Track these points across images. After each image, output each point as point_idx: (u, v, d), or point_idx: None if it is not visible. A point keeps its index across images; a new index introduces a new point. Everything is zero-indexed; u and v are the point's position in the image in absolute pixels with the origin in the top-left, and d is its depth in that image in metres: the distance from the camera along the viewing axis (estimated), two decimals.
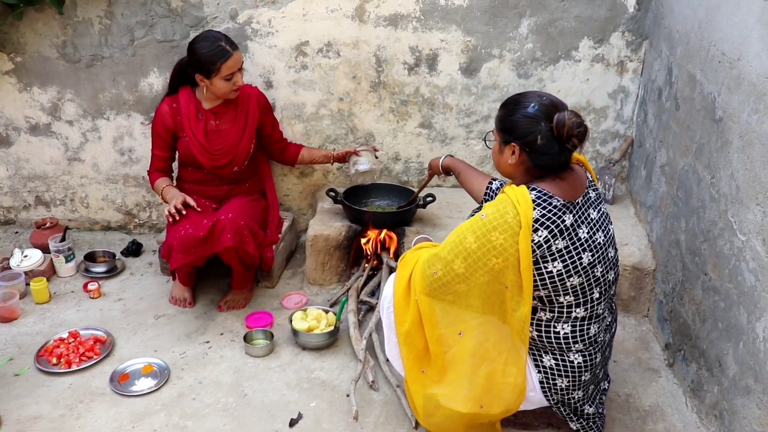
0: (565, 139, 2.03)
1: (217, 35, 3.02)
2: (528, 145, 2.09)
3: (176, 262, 2.94)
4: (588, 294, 2.15)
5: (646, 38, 3.42)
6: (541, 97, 2.11)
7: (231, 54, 2.98)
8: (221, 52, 2.97)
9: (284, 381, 2.75)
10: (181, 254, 2.92)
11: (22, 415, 2.54)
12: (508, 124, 2.14)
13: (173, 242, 2.93)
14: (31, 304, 3.26)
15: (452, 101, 3.59)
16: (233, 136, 3.21)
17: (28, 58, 3.56)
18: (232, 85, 3.06)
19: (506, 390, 2.22)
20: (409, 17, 3.41)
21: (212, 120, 3.20)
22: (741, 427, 2.19)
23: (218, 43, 2.98)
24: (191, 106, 3.17)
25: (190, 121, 3.16)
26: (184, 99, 3.18)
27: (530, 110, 2.08)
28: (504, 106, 2.19)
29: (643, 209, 3.32)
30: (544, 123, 2.05)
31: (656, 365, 2.88)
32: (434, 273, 2.19)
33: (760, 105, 2.10)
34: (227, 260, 3.05)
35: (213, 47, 2.97)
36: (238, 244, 2.95)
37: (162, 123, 3.20)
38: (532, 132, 2.06)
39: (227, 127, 3.21)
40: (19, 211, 3.97)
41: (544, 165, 2.11)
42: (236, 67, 3.03)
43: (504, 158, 2.18)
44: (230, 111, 3.22)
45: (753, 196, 2.14)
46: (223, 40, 2.99)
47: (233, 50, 3.00)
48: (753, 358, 2.13)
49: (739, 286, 2.23)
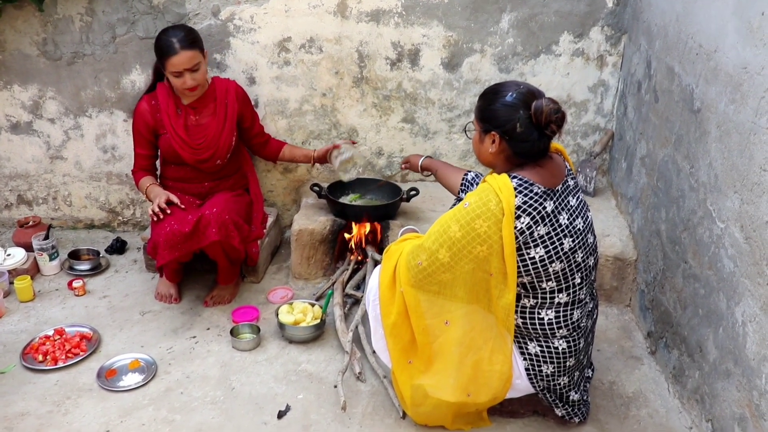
0: (543, 126, 2.08)
1: (176, 31, 2.99)
2: (508, 133, 2.13)
3: (163, 259, 2.94)
4: (570, 279, 2.19)
5: (625, 32, 3.47)
6: (518, 85, 2.15)
7: (176, 52, 2.94)
8: (167, 48, 2.94)
9: (272, 374, 2.77)
10: (167, 250, 2.92)
11: (9, 413, 2.53)
12: (488, 114, 2.18)
13: (159, 239, 2.93)
14: (15, 302, 3.24)
15: (434, 96, 3.62)
16: (214, 129, 3.20)
17: (8, 56, 3.53)
18: (182, 83, 3.03)
19: (493, 378, 2.25)
20: (391, 12, 3.44)
21: (192, 115, 3.19)
22: (721, 409, 2.24)
23: (170, 39, 2.95)
24: (170, 103, 3.16)
25: (170, 117, 3.15)
26: (163, 96, 3.16)
27: (508, 99, 2.12)
28: (483, 96, 2.23)
29: (624, 201, 3.37)
30: (522, 111, 2.09)
31: (639, 353, 2.93)
32: (419, 264, 2.22)
33: (737, 95, 2.15)
34: (213, 255, 3.06)
35: (164, 41, 2.96)
36: (224, 239, 2.95)
37: (142, 121, 3.19)
38: (512, 120, 2.10)
39: (207, 121, 3.21)
40: (1, 210, 3.94)
41: (524, 152, 2.15)
42: (182, 66, 2.97)
43: (484, 147, 2.22)
44: (209, 105, 3.21)
45: (731, 184, 2.19)
46: (177, 37, 2.95)
47: (182, 49, 2.94)
48: (732, 342, 2.18)
49: (719, 273, 2.28)
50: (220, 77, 3.32)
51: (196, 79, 3.04)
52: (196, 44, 3.02)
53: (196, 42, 3.03)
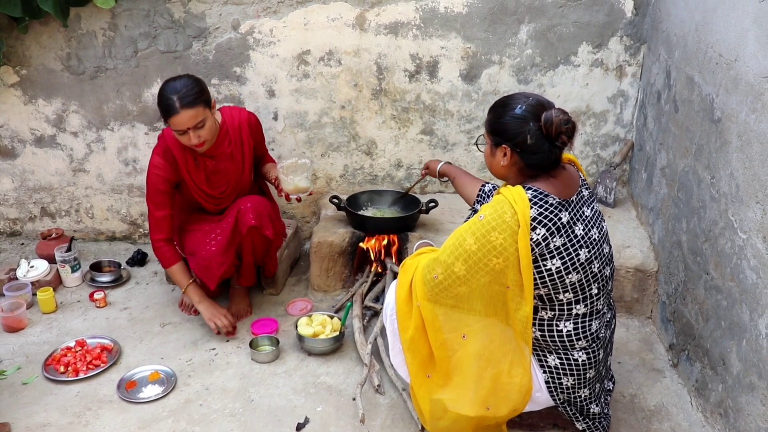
0: (554, 137, 2.07)
1: (174, 87, 2.77)
2: (519, 146, 2.12)
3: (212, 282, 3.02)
4: (587, 290, 2.17)
5: (644, 42, 3.45)
6: (527, 97, 2.14)
7: (177, 112, 2.74)
8: (168, 108, 2.76)
9: (290, 386, 2.77)
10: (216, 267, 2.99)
11: (31, 423, 2.56)
12: (498, 127, 2.17)
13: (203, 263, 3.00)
14: (37, 314, 3.28)
15: (453, 107, 3.62)
16: (234, 174, 3.11)
17: (33, 70, 3.59)
18: (187, 141, 2.83)
19: (513, 391, 2.23)
20: (409, 25, 3.45)
21: (209, 163, 3.05)
22: (746, 423, 2.20)
23: (170, 97, 2.75)
24: (188, 157, 3.00)
25: (189, 171, 3.03)
26: (177, 149, 2.97)
27: (518, 111, 2.11)
28: (492, 109, 2.23)
29: (645, 212, 3.34)
30: (532, 123, 2.09)
31: (660, 366, 2.89)
32: (435, 277, 2.21)
33: (758, 104, 2.13)
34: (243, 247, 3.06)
35: (164, 100, 2.77)
36: (259, 224, 2.94)
37: (162, 178, 2.99)
38: (522, 132, 2.10)
39: (225, 166, 3.07)
40: (25, 222, 4.00)
41: (536, 164, 2.14)
42: (185, 125, 2.77)
43: (496, 160, 2.22)
44: (225, 149, 3.05)
45: (752, 195, 2.16)
46: (176, 96, 2.74)
47: (182, 108, 2.73)
48: (756, 355, 2.14)
49: (741, 284, 2.25)
50: (229, 108, 3.14)
51: (201, 137, 2.83)
52: (198, 100, 2.78)
53: (199, 97, 2.80)
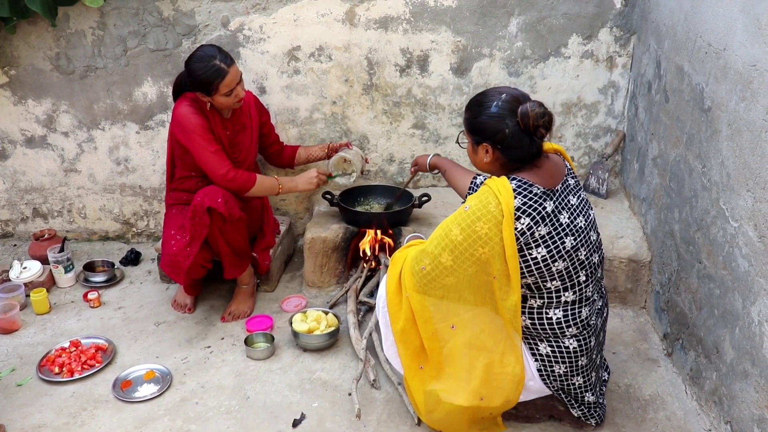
0: (532, 131, 2.09)
1: (210, 52, 2.88)
2: (499, 143, 2.15)
3: (179, 278, 3.02)
4: (574, 277, 2.19)
5: (633, 33, 3.45)
6: (500, 93, 2.16)
7: (227, 71, 2.87)
8: (216, 71, 2.85)
9: (286, 382, 2.77)
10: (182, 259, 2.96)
11: (26, 425, 2.55)
12: (476, 126, 2.20)
13: (168, 258, 3.00)
14: (31, 315, 3.26)
15: (444, 101, 3.62)
16: (247, 142, 3.20)
17: (22, 71, 3.58)
18: (234, 98, 2.95)
19: (505, 380, 2.25)
20: (399, 19, 3.44)
21: (230, 130, 3.13)
22: (740, 411, 2.22)
23: (213, 62, 2.85)
24: (215, 116, 3.05)
25: (218, 131, 3.05)
26: (203, 106, 3.02)
27: (494, 110, 2.13)
28: (468, 108, 2.25)
29: (637, 202, 3.34)
30: (509, 120, 2.11)
31: (655, 355, 2.90)
32: (423, 268, 2.22)
33: (747, 93, 2.13)
34: (212, 241, 3.01)
35: (208, 68, 2.85)
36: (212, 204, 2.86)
37: (199, 123, 2.97)
38: (500, 130, 2.13)
39: (240, 137, 3.18)
40: (17, 223, 3.98)
41: (518, 158, 2.17)
42: (234, 82, 2.91)
43: (479, 158, 2.25)
44: (238, 119, 3.16)
45: (743, 183, 2.17)
46: (217, 58, 2.86)
47: (229, 66, 2.88)
48: (749, 343, 2.15)
49: (733, 272, 2.26)
50: None
51: (244, 89, 3.01)
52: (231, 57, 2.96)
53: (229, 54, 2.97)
